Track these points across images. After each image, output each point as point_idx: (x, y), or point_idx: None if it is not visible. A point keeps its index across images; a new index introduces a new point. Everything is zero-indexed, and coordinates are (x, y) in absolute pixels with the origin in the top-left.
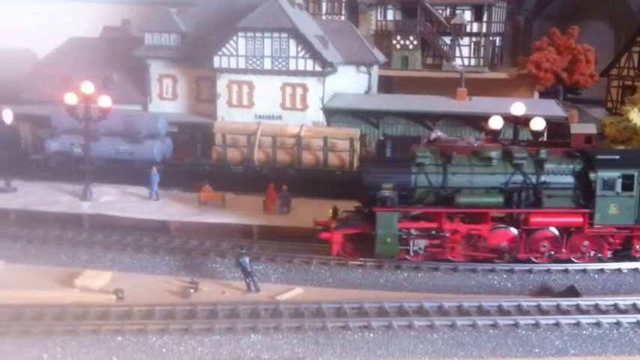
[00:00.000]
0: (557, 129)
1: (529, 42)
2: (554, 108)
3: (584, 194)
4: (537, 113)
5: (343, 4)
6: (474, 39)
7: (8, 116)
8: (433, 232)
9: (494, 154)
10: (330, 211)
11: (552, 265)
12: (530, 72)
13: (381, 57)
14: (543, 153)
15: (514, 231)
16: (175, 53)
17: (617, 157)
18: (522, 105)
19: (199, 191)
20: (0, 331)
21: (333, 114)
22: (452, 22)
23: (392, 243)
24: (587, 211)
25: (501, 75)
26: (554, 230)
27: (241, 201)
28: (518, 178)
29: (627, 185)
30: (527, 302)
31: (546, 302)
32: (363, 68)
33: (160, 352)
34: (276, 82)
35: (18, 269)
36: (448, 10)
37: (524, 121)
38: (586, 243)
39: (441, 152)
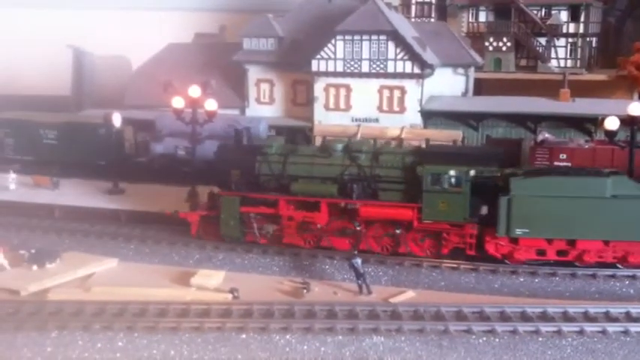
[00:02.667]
0: None
1: (620, 43)
2: None
3: (415, 189)
4: None
5: (433, 7)
6: (570, 40)
7: (117, 120)
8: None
9: (337, 146)
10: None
11: None
12: (630, 73)
13: (479, 59)
14: (381, 147)
15: (356, 224)
16: (273, 58)
17: (447, 153)
18: None
19: None
20: (129, 326)
21: (430, 116)
22: (547, 22)
23: (234, 226)
24: (417, 205)
25: (599, 76)
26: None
27: None
28: (354, 170)
29: (455, 182)
30: None
31: None
32: (461, 70)
33: (283, 350)
34: (373, 84)
35: (132, 268)
36: (543, 10)
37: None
38: (424, 239)
39: (290, 143)
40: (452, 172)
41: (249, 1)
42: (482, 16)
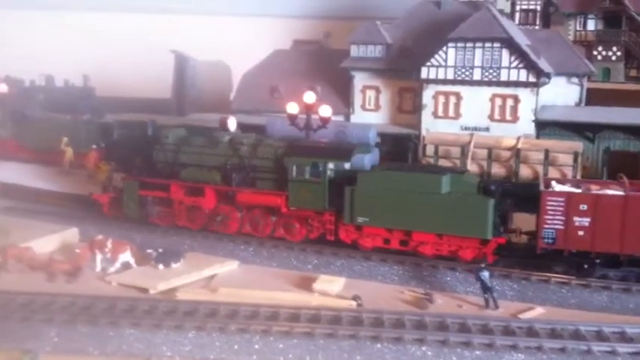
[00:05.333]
0: None
1: None
2: None
3: (285, 178)
4: None
5: (538, 14)
6: None
7: (232, 124)
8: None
9: (224, 138)
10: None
11: None
12: None
13: (594, 68)
14: (260, 140)
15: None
16: (380, 65)
17: (311, 145)
18: None
19: None
20: (264, 329)
21: (544, 127)
22: None
23: (134, 207)
24: (285, 193)
25: None
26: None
27: None
28: (236, 160)
29: (315, 172)
30: None
31: None
32: (575, 79)
33: None
34: (485, 93)
35: (252, 270)
36: None
37: None
38: (296, 225)
39: (189, 134)
40: (312, 164)
41: (351, 8)
42: (591, 25)
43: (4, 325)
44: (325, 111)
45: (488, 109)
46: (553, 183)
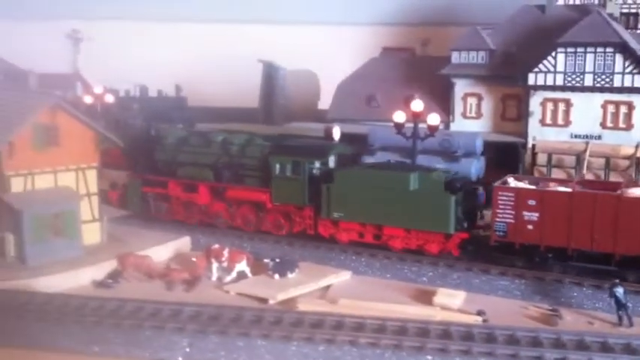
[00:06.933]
0: None
1: None
2: None
3: (269, 176)
4: None
5: (639, 18)
6: None
7: (337, 133)
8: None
9: (217, 137)
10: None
11: None
12: None
13: None
14: (249, 140)
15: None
16: (482, 71)
17: (293, 145)
18: None
19: None
20: (395, 344)
21: None
22: None
23: (137, 202)
24: (269, 189)
25: None
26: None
27: None
28: (226, 159)
29: (296, 170)
30: None
31: None
32: None
33: None
34: (597, 99)
35: (365, 281)
36: None
37: None
38: (280, 219)
39: (188, 134)
40: (293, 162)
41: (445, 14)
42: None
43: (136, 333)
44: (434, 119)
45: (600, 116)
46: (509, 179)
